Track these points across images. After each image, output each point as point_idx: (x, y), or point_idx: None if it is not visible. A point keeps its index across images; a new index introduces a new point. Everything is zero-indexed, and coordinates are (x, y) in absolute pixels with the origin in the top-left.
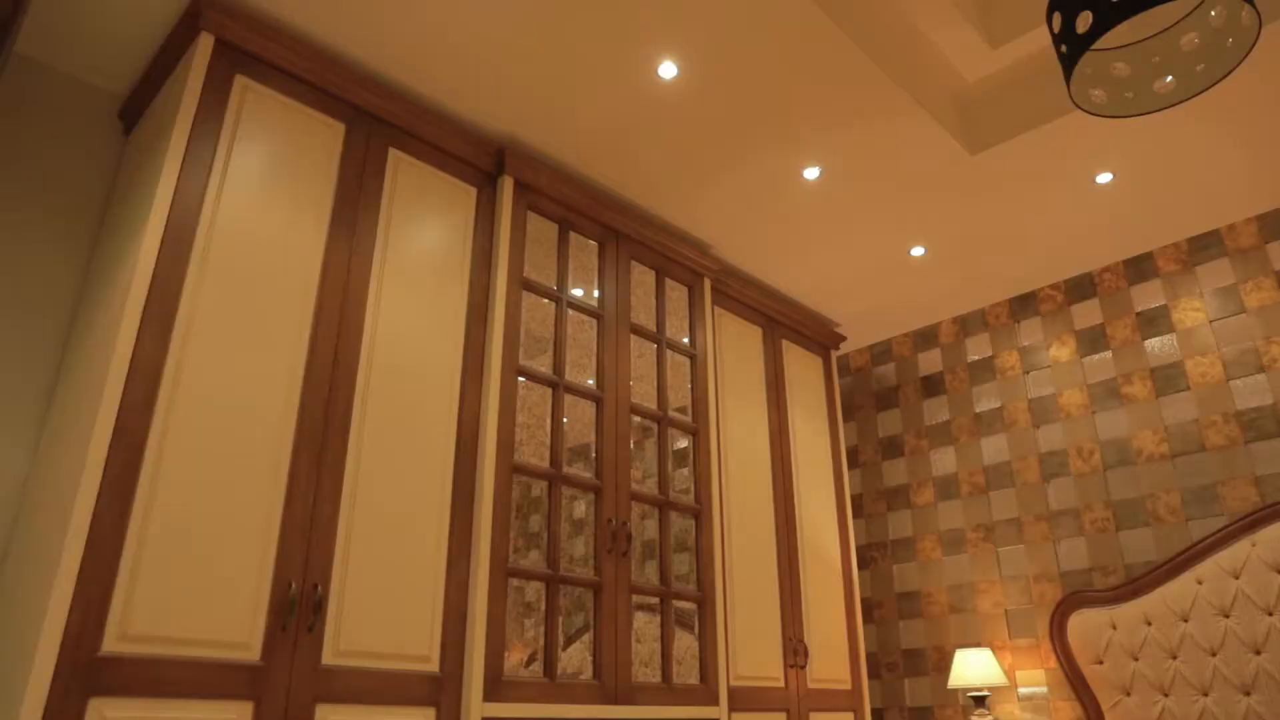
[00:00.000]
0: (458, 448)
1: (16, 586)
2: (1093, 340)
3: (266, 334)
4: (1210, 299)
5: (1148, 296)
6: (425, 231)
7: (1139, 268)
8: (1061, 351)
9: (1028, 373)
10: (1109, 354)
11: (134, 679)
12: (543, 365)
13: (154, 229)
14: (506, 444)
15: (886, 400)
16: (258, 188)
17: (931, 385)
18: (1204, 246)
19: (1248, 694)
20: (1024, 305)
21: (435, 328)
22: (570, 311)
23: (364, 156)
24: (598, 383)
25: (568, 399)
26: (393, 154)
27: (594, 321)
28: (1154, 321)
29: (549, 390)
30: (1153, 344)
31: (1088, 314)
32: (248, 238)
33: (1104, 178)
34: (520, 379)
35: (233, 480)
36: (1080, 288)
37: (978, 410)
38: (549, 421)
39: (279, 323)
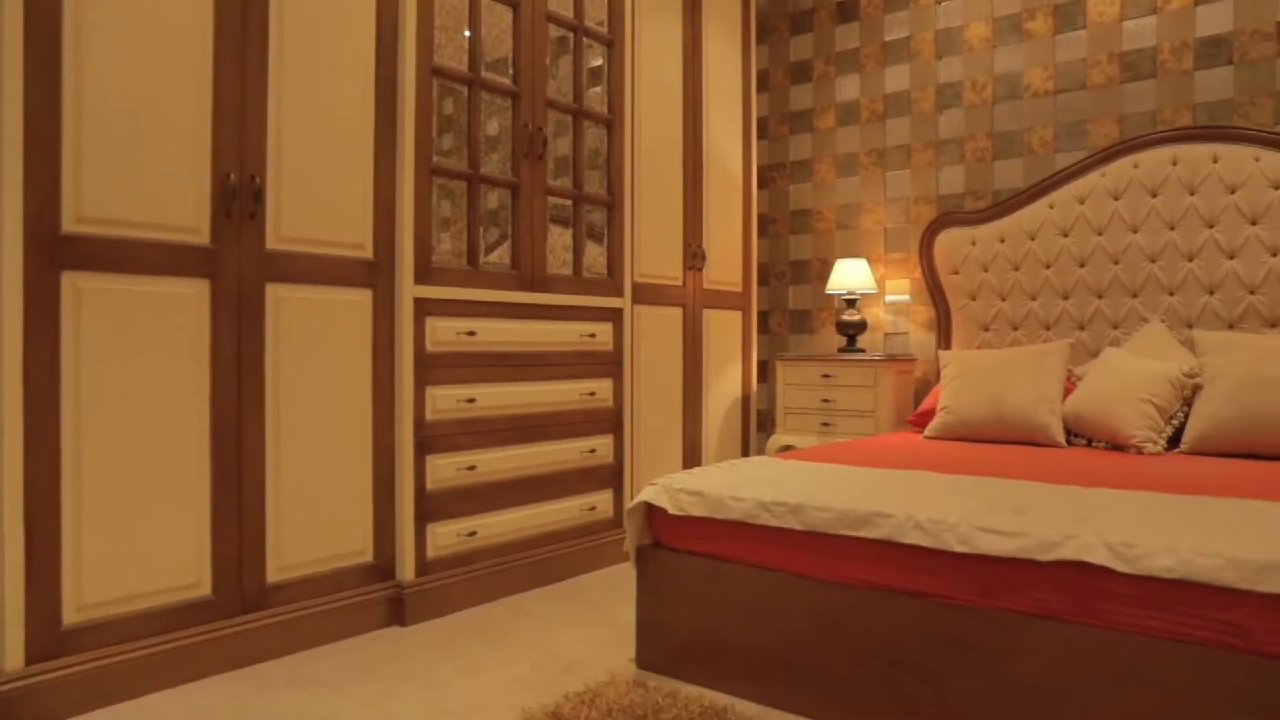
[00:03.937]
0: (378, 47)
1: None
2: None
3: None
4: None
5: None
6: None
7: None
8: None
9: (939, 3)
10: None
11: (98, 256)
12: None
13: None
14: (426, 44)
15: (801, 25)
16: None
17: (846, 11)
18: None
19: (1066, 298)
20: None
21: None
22: None
23: None
24: None
25: (484, 4)
26: None
27: None
28: None
29: None
30: None
31: None
32: None
33: None
34: None
35: (159, 70)
36: None
37: (886, 39)
38: (467, 27)
39: None
